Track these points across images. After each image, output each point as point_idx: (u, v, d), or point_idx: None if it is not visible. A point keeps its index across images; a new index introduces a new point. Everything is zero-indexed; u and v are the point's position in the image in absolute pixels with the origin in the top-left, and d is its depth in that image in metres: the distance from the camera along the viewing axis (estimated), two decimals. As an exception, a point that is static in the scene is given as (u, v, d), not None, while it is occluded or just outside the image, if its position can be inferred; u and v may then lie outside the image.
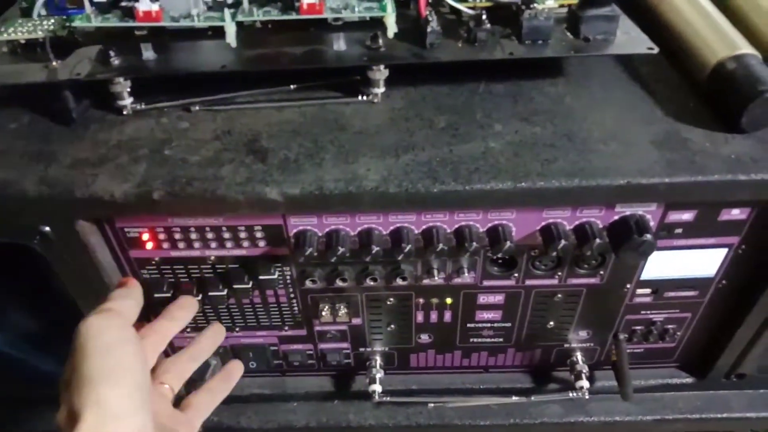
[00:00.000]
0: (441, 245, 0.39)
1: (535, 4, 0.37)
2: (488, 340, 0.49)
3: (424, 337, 0.49)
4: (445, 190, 0.36)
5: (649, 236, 0.38)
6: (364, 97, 0.41)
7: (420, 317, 0.47)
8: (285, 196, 0.36)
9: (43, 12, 0.40)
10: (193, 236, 0.41)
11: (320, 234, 0.40)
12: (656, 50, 0.38)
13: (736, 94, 0.36)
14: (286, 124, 0.40)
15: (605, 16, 0.38)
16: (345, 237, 0.40)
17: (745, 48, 0.38)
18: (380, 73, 0.39)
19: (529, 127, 0.39)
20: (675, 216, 0.39)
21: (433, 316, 0.47)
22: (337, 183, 0.36)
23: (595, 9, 0.38)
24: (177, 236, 0.41)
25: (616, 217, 0.39)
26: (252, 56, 0.38)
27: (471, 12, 0.38)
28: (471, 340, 0.49)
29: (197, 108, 0.40)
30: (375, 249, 0.39)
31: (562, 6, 0.39)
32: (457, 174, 0.36)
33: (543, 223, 0.40)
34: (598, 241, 0.38)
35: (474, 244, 0.39)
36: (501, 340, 0.49)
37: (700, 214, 0.39)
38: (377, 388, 0.49)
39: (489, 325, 0.48)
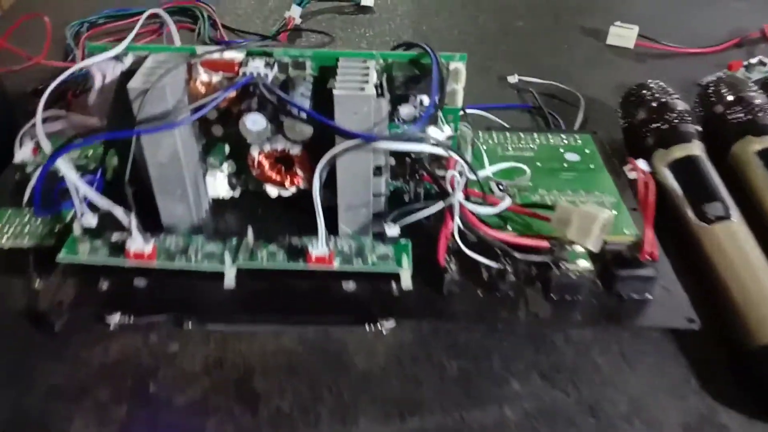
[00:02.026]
0: None
1: (566, 263, 0.34)
2: None
3: None
4: (451, 476, 0.32)
5: None
6: (372, 327, 0.37)
7: None
8: (274, 465, 0.32)
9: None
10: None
11: (311, 479, 0.37)
12: (697, 325, 0.34)
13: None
14: (282, 356, 0.36)
15: (641, 277, 0.35)
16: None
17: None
18: (391, 306, 0.36)
19: (550, 390, 0.35)
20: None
21: None
22: (331, 454, 0.32)
23: (631, 270, 0.35)
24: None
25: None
26: (253, 293, 0.35)
27: (495, 265, 0.34)
28: None
29: (189, 326, 0.37)
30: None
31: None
32: (467, 455, 0.32)
33: (557, 492, 0.36)
34: None
35: None
36: None
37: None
38: None
39: None
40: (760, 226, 0.41)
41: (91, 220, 0.34)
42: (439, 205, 0.34)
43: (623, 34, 0.62)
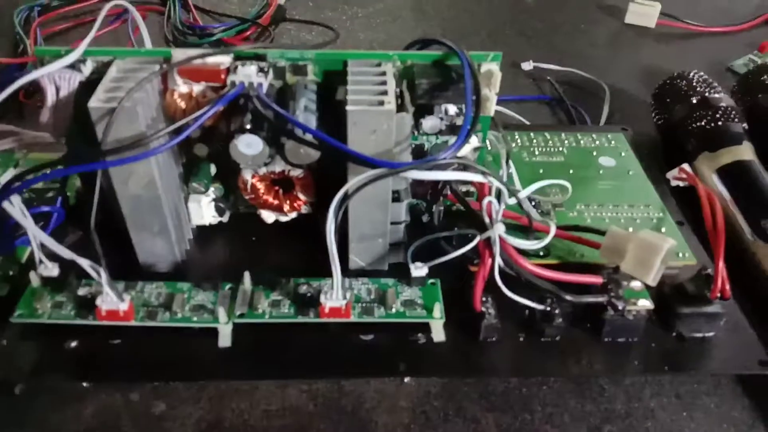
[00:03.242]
0: None
1: (623, 303, 0.29)
2: None
3: None
4: None
5: None
6: (391, 377, 0.32)
7: None
8: None
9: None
10: None
11: None
12: (773, 367, 0.30)
13: None
14: (290, 416, 0.31)
15: (707, 314, 0.30)
16: None
17: None
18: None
19: (602, 447, 0.30)
20: None
21: None
22: None
23: (695, 306, 0.30)
24: None
25: None
26: (253, 349, 0.29)
27: (540, 307, 0.29)
28: None
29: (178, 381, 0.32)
30: None
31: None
32: None
33: None
34: None
35: None
36: None
37: None
38: None
39: None
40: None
41: (52, 270, 0.28)
42: (476, 240, 0.28)
43: (644, 12, 0.56)
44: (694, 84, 0.42)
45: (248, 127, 0.27)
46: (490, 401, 0.32)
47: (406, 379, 0.32)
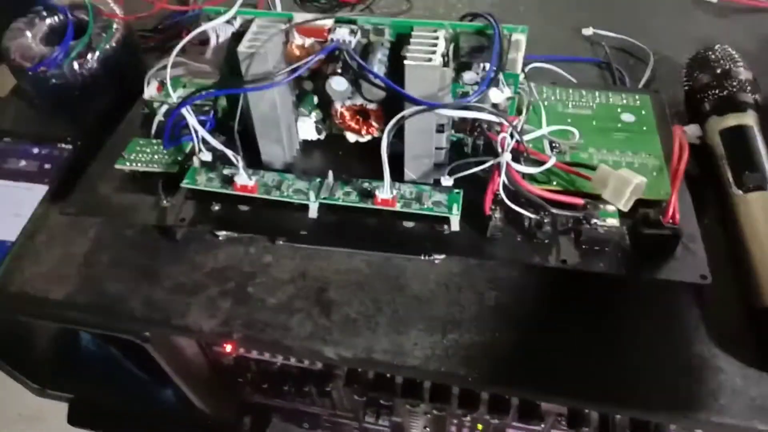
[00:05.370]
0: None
1: (596, 221, 0.39)
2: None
3: (456, 441, 0.55)
4: (476, 380, 0.40)
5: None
6: (426, 257, 0.45)
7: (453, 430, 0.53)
8: (340, 357, 0.41)
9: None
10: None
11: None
12: (709, 280, 0.39)
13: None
14: (353, 274, 0.45)
15: (665, 236, 0.39)
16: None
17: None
18: (443, 242, 0.43)
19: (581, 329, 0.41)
20: (697, 426, 0.42)
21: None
22: (385, 354, 0.41)
23: (654, 229, 0.39)
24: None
25: (639, 416, 0.42)
26: (331, 223, 0.42)
27: (533, 216, 0.40)
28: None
29: (281, 242, 0.46)
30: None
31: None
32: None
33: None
34: (618, 435, 0.42)
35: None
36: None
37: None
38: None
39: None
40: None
41: (207, 156, 0.42)
42: (488, 163, 0.39)
43: (709, -13, 0.62)
44: (720, 57, 0.49)
45: (339, 71, 0.40)
46: (494, 283, 0.44)
47: (436, 261, 0.45)
